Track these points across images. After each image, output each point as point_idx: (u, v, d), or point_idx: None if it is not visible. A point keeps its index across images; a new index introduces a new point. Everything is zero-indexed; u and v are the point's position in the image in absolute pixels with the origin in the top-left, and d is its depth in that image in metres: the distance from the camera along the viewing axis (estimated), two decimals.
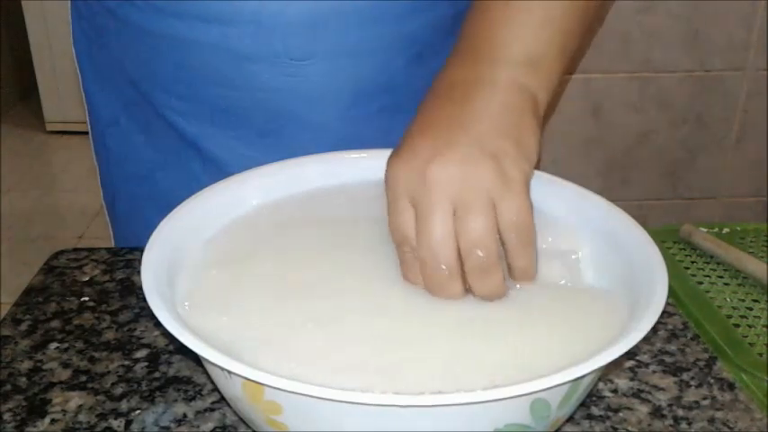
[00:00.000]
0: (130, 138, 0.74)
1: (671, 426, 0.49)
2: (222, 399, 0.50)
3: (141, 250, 0.47)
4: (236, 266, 0.50)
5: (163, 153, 0.73)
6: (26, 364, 0.54)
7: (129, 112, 0.73)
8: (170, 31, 0.66)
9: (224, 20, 0.64)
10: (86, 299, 0.61)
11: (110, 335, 0.57)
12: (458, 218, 0.46)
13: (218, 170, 0.66)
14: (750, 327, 0.82)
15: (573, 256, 0.52)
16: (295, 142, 0.67)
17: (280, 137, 0.69)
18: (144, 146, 0.73)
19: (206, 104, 0.68)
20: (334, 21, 0.65)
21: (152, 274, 0.45)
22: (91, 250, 0.67)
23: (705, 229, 0.98)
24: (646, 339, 0.43)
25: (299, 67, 0.65)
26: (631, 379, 0.53)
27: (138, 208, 0.57)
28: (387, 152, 0.61)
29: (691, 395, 0.52)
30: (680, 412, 0.50)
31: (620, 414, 0.50)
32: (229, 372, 0.38)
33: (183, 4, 0.64)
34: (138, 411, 0.50)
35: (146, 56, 0.68)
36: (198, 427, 0.48)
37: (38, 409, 0.50)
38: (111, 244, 0.81)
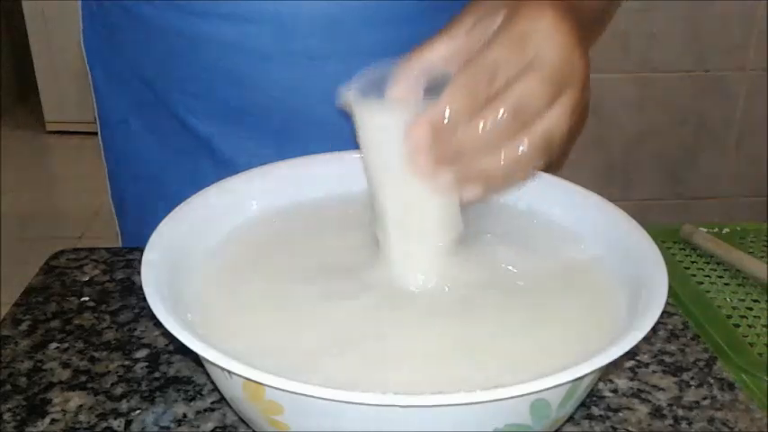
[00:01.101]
0: (141, 137, 0.74)
1: (671, 426, 0.49)
2: (222, 399, 0.50)
3: (141, 250, 0.47)
4: (237, 277, 0.50)
5: (173, 153, 0.73)
6: (26, 364, 0.54)
7: (140, 112, 0.73)
8: (188, 29, 0.66)
9: (244, 18, 0.64)
10: (86, 299, 0.61)
11: (110, 335, 0.57)
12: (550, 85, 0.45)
13: (229, 170, 0.67)
14: (750, 327, 0.82)
15: (572, 256, 0.52)
16: (309, 142, 0.67)
17: (294, 136, 0.69)
18: (154, 145, 0.73)
19: (221, 103, 0.69)
20: (350, 21, 0.65)
21: (152, 274, 0.45)
22: (91, 250, 0.67)
23: (705, 229, 0.98)
24: (646, 339, 0.43)
25: (315, 67, 0.65)
26: (631, 379, 0.53)
27: (147, 208, 0.57)
28: None
29: (691, 395, 0.52)
30: (680, 412, 0.50)
31: (620, 414, 0.50)
32: (230, 372, 0.38)
33: (202, 3, 0.64)
34: (138, 411, 0.50)
35: (161, 54, 0.68)
36: (198, 427, 0.48)
37: (38, 409, 0.50)
38: (119, 244, 0.80)
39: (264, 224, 0.55)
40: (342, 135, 0.68)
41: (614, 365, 0.53)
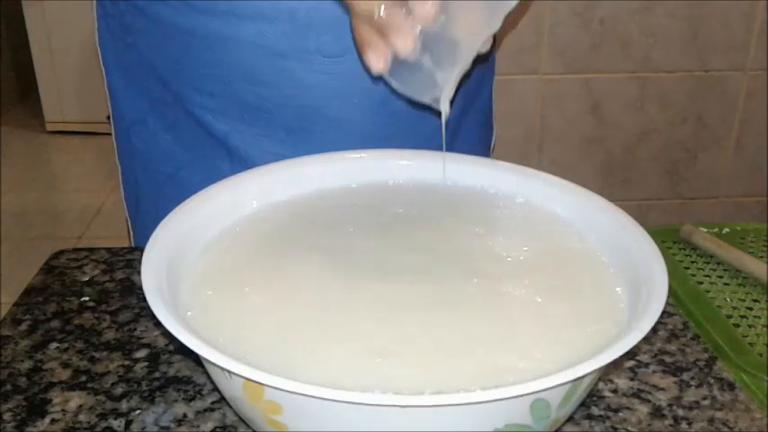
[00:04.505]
0: (157, 136, 0.74)
1: (671, 426, 0.49)
2: (222, 399, 0.50)
3: (141, 250, 0.47)
4: (237, 275, 0.50)
5: (190, 151, 0.73)
6: (26, 364, 0.54)
7: (155, 111, 0.73)
8: (204, 28, 0.66)
9: (260, 17, 0.64)
10: (86, 299, 0.61)
11: (110, 335, 0.57)
12: None
13: (246, 168, 0.67)
14: (750, 327, 0.82)
15: (573, 256, 0.52)
16: (324, 139, 0.68)
17: (309, 134, 0.69)
18: (171, 144, 0.74)
19: (237, 101, 0.69)
20: None
21: (152, 274, 0.45)
22: (91, 250, 0.67)
23: (705, 229, 0.98)
24: (646, 339, 0.43)
25: (330, 64, 0.66)
26: (631, 379, 0.53)
27: (163, 207, 0.57)
28: (389, 152, 0.62)
29: (691, 395, 0.52)
30: (680, 412, 0.50)
31: (620, 414, 0.50)
32: (230, 372, 0.39)
33: (218, 2, 0.65)
34: (138, 411, 0.50)
35: (176, 53, 0.69)
36: (198, 427, 0.48)
37: (38, 409, 0.50)
38: (129, 244, 0.81)
39: (264, 222, 0.55)
40: (356, 131, 0.69)
41: (614, 365, 0.53)
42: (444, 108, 0.53)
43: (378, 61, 0.50)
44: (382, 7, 0.49)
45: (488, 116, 0.83)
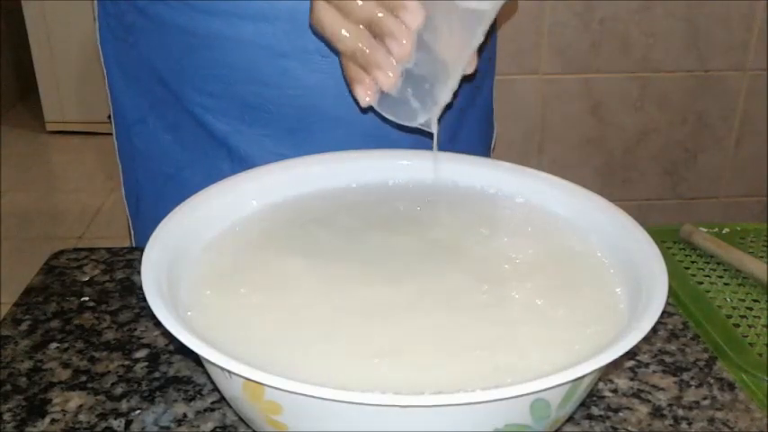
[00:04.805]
0: (158, 136, 0.74)
1: (671, 426, 0.49)
2: (222, 399, 0.50)
3: (141, 250, 0.47)
4: (237, 274, 0.50)
5: (191, 152, 0.73)
6: (26, 364, 0.54)
7: (156, 111, 0.73)
8: (204, 28, 0.66)
9: (260, 17, 0.65)
10: (86, 299, 0.61)
11: (110, 335, 0.57)
12: None
13: (246, 168, 0.67)
14: (750, 327, 0.82)
15: (572, 256, 0.52)
16: (324, 139, 0.68)
17: (309, 133, 0.69)
18: (171, 144, 0.74)
19: (237, 101, 0.69)
20: None
21: (152, 274, 0.45)
22: (91, 250, 0.67)
23: (705, 229, 0.98)
24: (646, 339, 0.43)
25: (329, 64, 0.66)
26: (631, 379, 0.53)
27: (164, 207, 0.57)
28: (389, 152, 0.62)
29: (691, 395, 0.52)
30: (680, 412, 0.50)
31: (620, 414, 0.50)
32: (230, 372, 0.39)
33: (218, 2, 0.65)
34: (138, 411, 0.50)
35: (177, 54, 0.69)
36: (198, 427, 0.48)
37: (38, 409, 0.50)
38: (130, 243, 0.81)
39: (264, 222, 0.55)
40: (356, 131, 0.69)
41: (614, 365, 0.53)
42: (434, 130, 0.55)
43: (365, 95, 0.54)
44: (365, 48, 0.53)
45: (489, 115, 0.83)
